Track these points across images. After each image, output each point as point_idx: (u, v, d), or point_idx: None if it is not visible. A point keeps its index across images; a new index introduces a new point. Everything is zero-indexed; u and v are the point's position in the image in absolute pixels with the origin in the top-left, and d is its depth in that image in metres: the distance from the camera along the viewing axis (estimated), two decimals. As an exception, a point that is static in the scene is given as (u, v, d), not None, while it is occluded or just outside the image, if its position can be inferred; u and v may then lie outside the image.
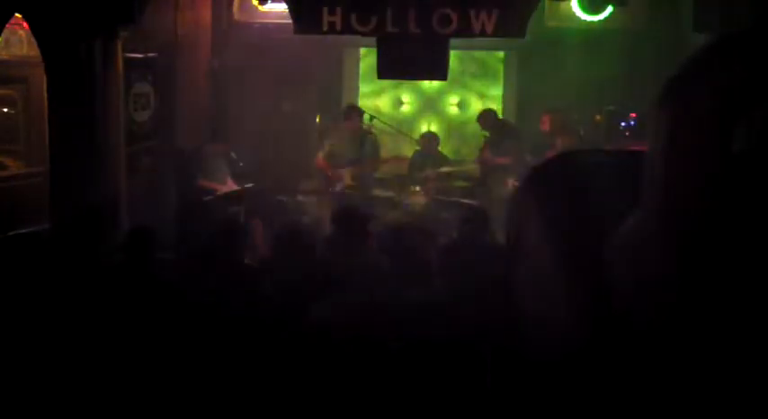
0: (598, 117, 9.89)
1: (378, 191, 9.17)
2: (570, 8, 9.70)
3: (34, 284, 4.73)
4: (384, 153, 9.52)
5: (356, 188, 8.93)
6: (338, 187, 9.00)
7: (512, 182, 8.22)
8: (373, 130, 9.40)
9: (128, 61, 7.49)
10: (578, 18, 9.84)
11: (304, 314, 4.53)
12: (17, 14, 7.09)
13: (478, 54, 10.46)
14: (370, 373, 4.00)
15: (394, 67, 7.20)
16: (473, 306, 4.43)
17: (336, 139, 9.22)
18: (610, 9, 9.05)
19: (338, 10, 6.98)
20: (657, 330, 1.02)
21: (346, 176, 9.04)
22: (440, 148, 9.71)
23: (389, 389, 3.85)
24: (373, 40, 7.19)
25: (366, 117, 9.28)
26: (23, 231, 6.71)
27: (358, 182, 8.97)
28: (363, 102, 10.29)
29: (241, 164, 8.98)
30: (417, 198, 8.92)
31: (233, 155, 9.00)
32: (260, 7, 9.42)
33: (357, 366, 4.06)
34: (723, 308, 0.97)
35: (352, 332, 4.34)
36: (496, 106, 10.29)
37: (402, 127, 10.17)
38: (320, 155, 9.28)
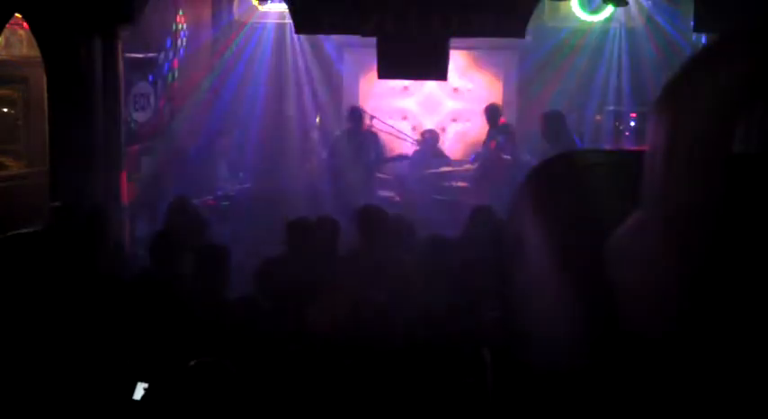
0: (598, 117, 9.89)
1: (379, 192, 9.17)
2: (570, 8, 9.72)
3: (34, 284, 4.72)
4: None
5: (359, 188, 8.93)
6: (341, 187, 8.99)
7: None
8: (375, 131, 9.42)
9: (128, 61, 7.49)
10: (578, 18, 9.85)
11: (302, 314, 4.53)
12: (17, 14, 7.09)
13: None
14: (369, 375, 3.99)
15: (394, 67, 7.20)
16: (474, 306, 4.43)
17: (341, 141, 9.24)
18: (610, 9, 9.06)
19: (338, 10, 6.98)
20: (658, 331, 1.02)
21: (350, 177, 9.04)
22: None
23: (389, 391, 3.85)
24: (373, 39, 7.18)
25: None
26: (23, 231, 6.70)
27: (361, 181, 8.97)
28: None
29: (241, 165, 8.99)
30: (417, 198, 8.92)
31: (233, 155, 9.01)
32: (260, 7, 9.43)
33: (356, 368, 4.06)
34: (724, 309, 0.97)
35: (351, 333, 4.34)
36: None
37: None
38: (325, 156, 9.31)
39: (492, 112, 9.26)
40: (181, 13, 9.34)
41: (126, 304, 4.64)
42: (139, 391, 3.76)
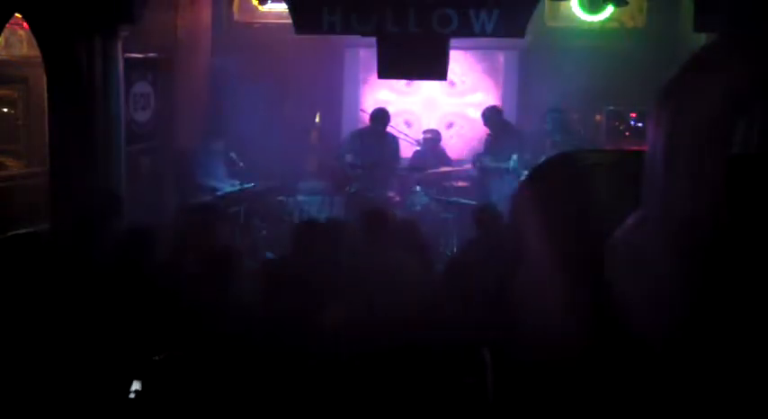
0: (598, 117, 9.89)
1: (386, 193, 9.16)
2: (570, 8, 9.71)
3: (34, 284, 4.73)
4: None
5: (371, 189, 8.92)
6: (353, 188, 8.99)
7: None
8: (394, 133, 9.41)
9: (128, 61, 7.49)
10: (578, 18, 9.85)
11: (314, 316, 4.53)
12: (17, 14, 7.09)
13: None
14: (369, 375, 3.99)
15: (394, 67, 7.20)
16: (475, 306, 4.43)
17: (358, 140, 9.22)
18: (610, 9, 9.05)
19: (338, 10, 6.98)
20: (657, 331, 1.02)
21: (362, 177, 9.03)
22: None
23: (390, 391, 3.85)
24: (373, 39, 7.18)
25: None
26: (23, 231, 6.71)
27: (374, 183, 8.96)
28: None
29: (241, 164, 8.97)
30: (417, 198, 8.92)
31: (233, 155, 8.99)
32: (260, 7, 9.42)
33: (356, 368, 4.06)
34: (723, 307, 0.97)
35: (352, 334, 4.34)
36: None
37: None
38: (343, 155, 9.26)
39: (491, 114, 9.25)
40: (181, 13, 9.34)
41: (124, 300, 4.64)
42: (134, 388, 3.76)
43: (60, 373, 4.10)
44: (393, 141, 9.26)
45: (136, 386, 3.73)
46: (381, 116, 9.14)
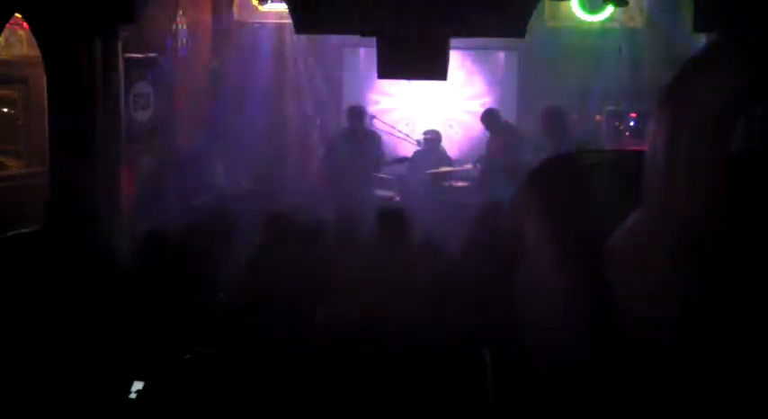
0: (598, 117, 9.89)
1: (378, 191, 9.16)
2: (570, 8, 9.72)
3: (34, 284, 4.73)
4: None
5: (355, 188, 8.92)
6: (338, 188, 8.98)
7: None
8: (376, 130, 9.41)
9: (128, 61, 7.49)
10: (578, 18, 9.85)
11: (312, 313, 4.52)
12: (17, 14, 7.09)
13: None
14: (369, 375, 3.99)
15: (394, 67, 7.19)
16: (474, 305, 4.43)
17: (341, 140, 9.22)
18: (610, 9, 9.05)
19: (338, 10, 6.98)
20: (658, 329, 1.02)
21: (346, 177, 9.02)
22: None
23: (390, 391, 3.85)
24: (373, 39, 7.18)
25: None
26: (23, 231, 6.71)
27: (358, 181, 8.95)
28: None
29: (240, 165, 8.98)
30: (417, 198, 8.92)
31: (232, 155, 9.00)
32: (260, 7, 9.43)
33: (355, 368, 4.06)
34: (723, 306, 0.97)
35: (355, 334, 4.34)
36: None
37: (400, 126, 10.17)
38: (322, 155, 9.26)
39: (489, 117, 9.25)
40: (181, 13, 9.34)
41: (124, 301, 4.64)
42: (136, 389, 3.76)
43: (62, 374, 4.10)
44: (375, 138, 9.23)
45: (137, 386, 3.73)
46: (357, 113, 9.11)
